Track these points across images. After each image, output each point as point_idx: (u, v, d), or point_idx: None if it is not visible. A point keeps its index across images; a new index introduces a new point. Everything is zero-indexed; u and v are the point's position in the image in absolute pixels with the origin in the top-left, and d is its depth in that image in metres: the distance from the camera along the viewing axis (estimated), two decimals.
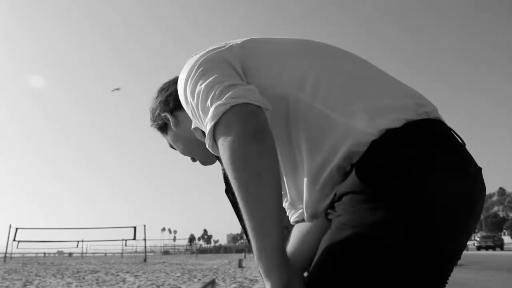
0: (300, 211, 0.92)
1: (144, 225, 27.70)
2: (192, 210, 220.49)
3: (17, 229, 26.28)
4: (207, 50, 0.91)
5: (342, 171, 0.78)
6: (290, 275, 0.74)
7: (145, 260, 25.75)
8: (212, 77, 0.79)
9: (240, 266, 15.06)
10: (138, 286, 8.23)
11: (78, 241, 33.43)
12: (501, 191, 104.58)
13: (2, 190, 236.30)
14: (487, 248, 31.44)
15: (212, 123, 0.73)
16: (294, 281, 0.75)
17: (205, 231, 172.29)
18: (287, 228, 0.96)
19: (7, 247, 28.28)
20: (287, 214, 0.97)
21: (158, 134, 1.26)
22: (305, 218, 0.91)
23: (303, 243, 0.92)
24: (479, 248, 32.07)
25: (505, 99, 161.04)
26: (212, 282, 6.26)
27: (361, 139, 0.74)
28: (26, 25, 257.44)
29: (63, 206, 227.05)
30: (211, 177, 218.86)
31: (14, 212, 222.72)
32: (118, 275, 11.61)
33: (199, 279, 9.54)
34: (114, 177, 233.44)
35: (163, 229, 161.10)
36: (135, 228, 26.49)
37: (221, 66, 0.83)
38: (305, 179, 0.83)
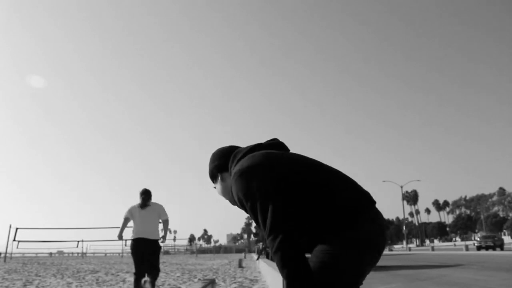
0: None
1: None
2: (192, 210, 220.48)
3: (17, 229, 26.26)
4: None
5: None
6: None
7: None
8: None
9: (240, 266, 15.06)
10: None
11: (78, 241, 33.41)
12: (501, 191, 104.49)
13: (2, 190, 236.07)
14: (487, 248, 31.39)
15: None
16: None
17: (205, 231, 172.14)
18: None
19: (7, 247, 28.27)
20: None
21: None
22: None
23: None
24: (479, 248, 32.02)
25: (507, 99, 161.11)
26: (212, 282, 6.25)
27: None
28: (26, 25, 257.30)
29: (63, 206, 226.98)
30: None
31: (14, 212, 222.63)
32: (118, 275, 11.60)
33: (199, 279, 9.54)
34: (114, 177, 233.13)
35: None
36: None
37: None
38: None
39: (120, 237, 5.57)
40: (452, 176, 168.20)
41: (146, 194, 5.27)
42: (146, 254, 5.16)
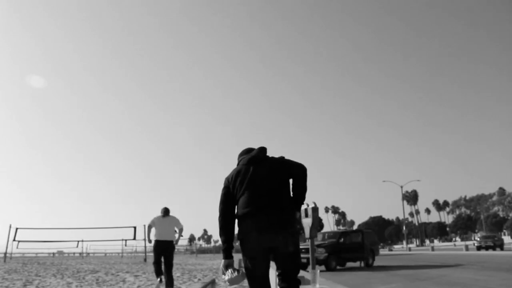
0: None
1: (144, 225, 27.61)
2: (192, 210, 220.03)
3: (17, 229, 26.26)
4: None
5: None
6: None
7: (145, 260, 25.73)
8: None
9: (240, 266, 15.03)
10: (138, 286, 8.23)
11: (78, 241, 33.39)
12: (501, 191, 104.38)
13: (2, 190, 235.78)
14: (487, 248, 31.38)
15: None
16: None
17: (205, 231, 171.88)
18: None
19: (7, 247, 28.26)
20: None
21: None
22: None
23: None
24: (479, 248, 32.01)
25: (507, 99, 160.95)
26: (212, 282, 6.25)
27: None
28: (26, 25, 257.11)
29: (63, 206, 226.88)
30: (212, 177, 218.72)
31: (14, 212, 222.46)
32: (118, 275, 11.61)
33: (199, 279, 9.54)
34: (114, 177, 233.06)
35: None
36: (135, 228, 26.46)
37: None
38: None
39: (149, 240, 7.41)
40: (452, 176, 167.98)
41: (166, 209, 7.23)
42: (163, 250, 6.98)
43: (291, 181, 2.51)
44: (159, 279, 6.98)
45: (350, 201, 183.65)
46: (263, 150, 2.57)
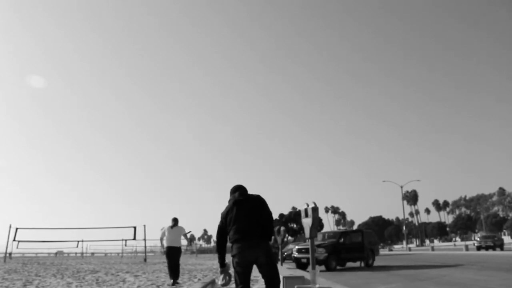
0: None
1: (144, 225, 27.68)
2: (192, 210, 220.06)
3: (17, 229, 26.27)
4: None
5: None
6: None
7: (145, 260, 25.75)
8: None
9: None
10: (138, 286, 8.23)
11: (78, 241, 33.39)
12: (501, 191, 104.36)
13: (2, 190, 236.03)
14: (487, 248, 31.40)
15: None
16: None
17: (205, 231, 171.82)
18: None
19: (7, 247, 28.28)
20: None
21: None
22: None
23: None
24: (479, 248, 32.03)
25: (506, 99, 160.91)
26: (212, 282, 6.28)
27: None
28: (26, 25, 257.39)
29: (63, 206, 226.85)
30: (212, 177, 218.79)
31: (14, 212, 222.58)
32: (118, 275, 11.61)
33: (199, 279, 9.55)
34: (114, 177, 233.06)
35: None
36: (135, 228, 26.47)
37: None
38: None
39: (163, 251, 9.02)
40: (452, 176, 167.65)
41: (175, 220, 8.74)
42: (173, 255, 8.53)
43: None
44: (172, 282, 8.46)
45: (350, 201, 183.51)
46: (243, 193, 3.77)
